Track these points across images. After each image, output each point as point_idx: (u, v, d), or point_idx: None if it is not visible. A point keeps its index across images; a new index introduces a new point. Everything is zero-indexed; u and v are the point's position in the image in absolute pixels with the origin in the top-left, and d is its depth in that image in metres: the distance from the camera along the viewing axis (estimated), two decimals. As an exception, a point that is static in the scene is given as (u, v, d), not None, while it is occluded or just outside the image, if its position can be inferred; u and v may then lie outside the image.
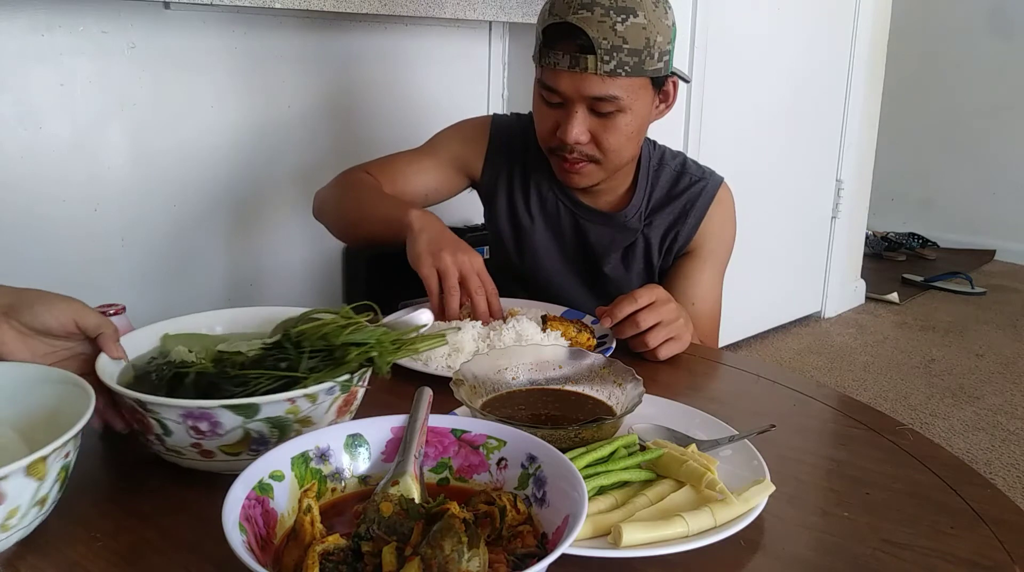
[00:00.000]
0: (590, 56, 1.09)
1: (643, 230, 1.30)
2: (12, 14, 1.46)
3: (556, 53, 1.11)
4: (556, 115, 1.17)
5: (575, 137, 1.14)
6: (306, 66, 1.89)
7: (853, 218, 3.29)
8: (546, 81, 1.15)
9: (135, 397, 0.67)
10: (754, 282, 2.84)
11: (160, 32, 1.63)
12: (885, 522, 0.70)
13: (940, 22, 4.36)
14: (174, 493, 0.72)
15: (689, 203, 1.29)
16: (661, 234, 1.30)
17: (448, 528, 0.52)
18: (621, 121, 1.15)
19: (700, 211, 1.30)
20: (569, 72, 1.11)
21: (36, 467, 0.59)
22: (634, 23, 1.09)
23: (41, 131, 1.53)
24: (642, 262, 1.32)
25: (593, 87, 1.11)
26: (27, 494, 0.59)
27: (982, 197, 4.37)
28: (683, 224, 1.30)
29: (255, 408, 0.67)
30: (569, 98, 1.13)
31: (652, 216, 1.30)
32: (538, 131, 1.23)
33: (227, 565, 0.53)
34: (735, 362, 1.09)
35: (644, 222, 1.30)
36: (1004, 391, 2.63)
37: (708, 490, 0.69)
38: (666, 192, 1.31)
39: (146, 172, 1.68)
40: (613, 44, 1.08)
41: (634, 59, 1.10)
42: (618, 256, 1.32)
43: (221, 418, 0.67)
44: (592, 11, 1.08)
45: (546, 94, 1.17)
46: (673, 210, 1.30)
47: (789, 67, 2.79)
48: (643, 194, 1.30)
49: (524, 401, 0.83)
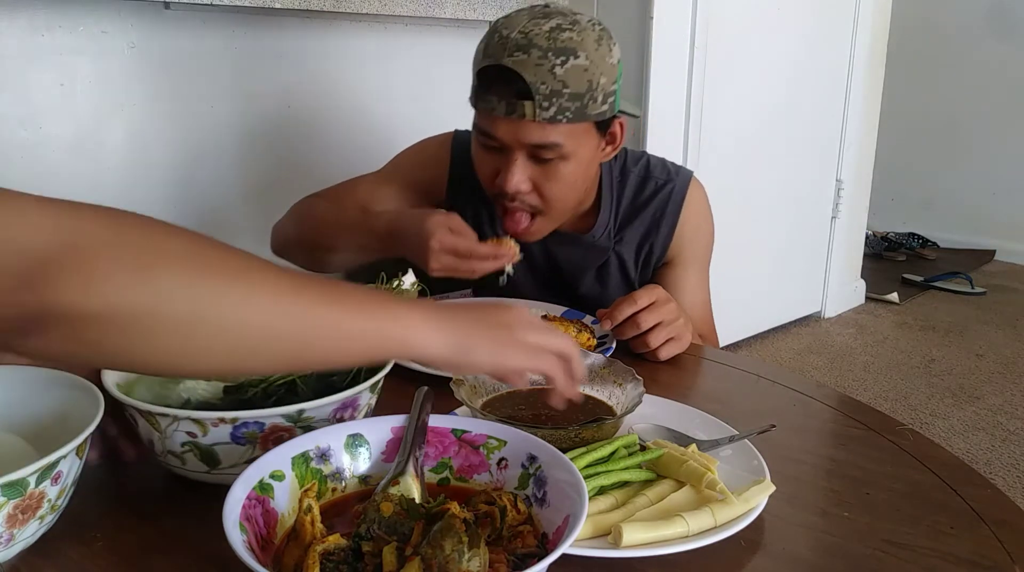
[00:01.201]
0: (528, 102, 1.01)
1: (614, 247, 1.25)
2: (12, 14, 1.46)
3: (492, 98, 1.04)
4: (495, 161, 1.10)
5: (515, 186, 1.07)
6: (306, 66, 1.89)
7: (853, 218, 3.29)
8: (483, 126, 1.08)
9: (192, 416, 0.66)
10: (754, 282, 2.84)
11: (160, 32, 1.63)
12: (885, 522, 0.70)
13: (940, 22, 4.35)
14: (174, 493, 0.73)
15: (659, 211, 1.24)
16: (635, 248, 1.26)
17: (448, 528, 0.52)
18: (564, 169, 1.07)
19: (672, 218, 1.24)
20: (506, 119, 1.03)
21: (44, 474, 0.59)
22: (575, 65, 1.01)
23: (41, 131, 1.52)
24: (618, 277, 1.27)
25: (532, 134, 1.04)
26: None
27: (982, 197, 4.37)
28: (656, 234, 1.25)
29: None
30: (507, 145, 1.06)
31: (622, 231, 1.25)
32: (480, 176, 1.15)
33: (228, 565, 0.53)
34: (735, 362, 1.09)
35: (615, 239, 1.25)
36: (1004, 391, 2.63)
37: (708, 490, 0.69)
38: (632, 201, 1.25)
39: (146, 172, 1.68)
40: (552, 89, 1.00)
41: (576, 104, 1.02)
42: (592, 275, 1.27)
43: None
44: (529, 53, 1.00)
45: (483, 139, 1.09)
46: (643, 221, 1.24)
47: (789, 67, 2.79)
48: (609, 210, 1.24)
49: (524, 401, 0.83)
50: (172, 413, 0.66)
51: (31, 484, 0.58)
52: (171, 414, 0.66)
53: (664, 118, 2.30)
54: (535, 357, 0.65)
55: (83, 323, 0.47)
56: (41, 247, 0.46)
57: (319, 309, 0.55)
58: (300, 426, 0.68)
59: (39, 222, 0.47)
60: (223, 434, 0.67)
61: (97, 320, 0.48)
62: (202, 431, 0.66)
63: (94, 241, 0.48)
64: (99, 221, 0.49)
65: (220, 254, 0.53)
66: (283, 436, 0.67)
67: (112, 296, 0.47)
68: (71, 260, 0.47)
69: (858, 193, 3.28)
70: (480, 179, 1.16)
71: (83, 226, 0.48)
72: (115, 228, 0.49)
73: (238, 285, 0.52)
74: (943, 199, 4.50)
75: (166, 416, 0.66)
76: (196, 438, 0.67)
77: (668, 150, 1.39)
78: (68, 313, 0.47)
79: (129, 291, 0.48)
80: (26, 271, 0.45)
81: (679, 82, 2.36)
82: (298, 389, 0.75)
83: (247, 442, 0.68)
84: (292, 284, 0.55)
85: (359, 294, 0.58)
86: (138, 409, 0.67)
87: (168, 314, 0.49)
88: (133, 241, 0.49)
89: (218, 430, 0.66)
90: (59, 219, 0.47)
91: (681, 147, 2.43)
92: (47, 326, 0.47)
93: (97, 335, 0.48)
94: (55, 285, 0.46)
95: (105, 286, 0.47)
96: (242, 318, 0.52)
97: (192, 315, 0.50)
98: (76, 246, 0.47)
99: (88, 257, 0.47)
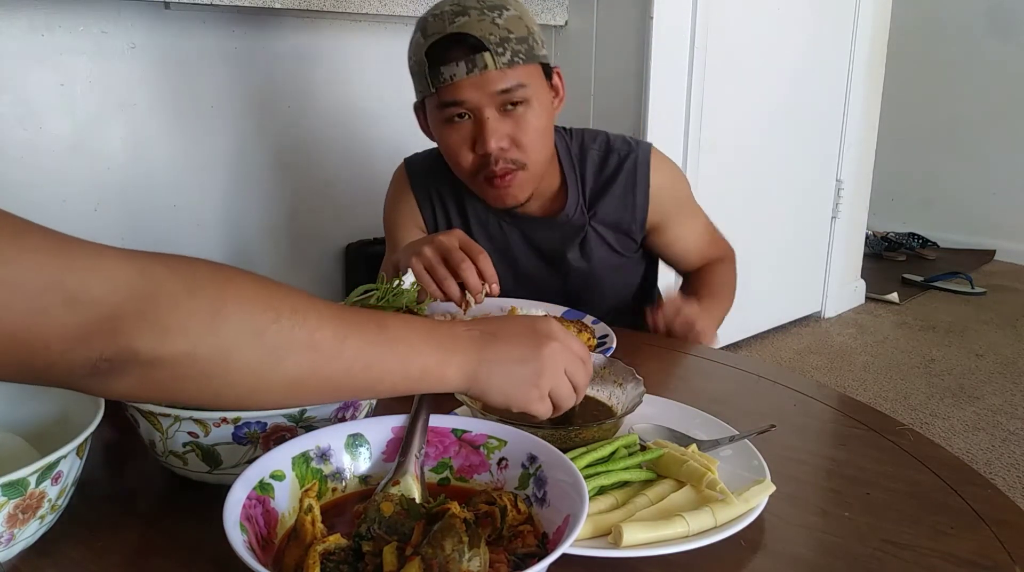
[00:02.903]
0: (484, 53, 1.08)
1: (590, 222, 1.28)
2: (12, 14, 1.46)
3: (449, 66, 1.09)
4: (468, 133, 1.14)
5: (496, 143, 1.12)
6: (306, 66, 1.89)
7: (853, 218, 3.29)
8: (447, 98, 1.12)
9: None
10: (754, 282, 2.83)
11: (160, 32, 1.63)
12: (885, 522, 0.70)
13: (940, 22, 4.35)
14: (175, 493, 0.73)
15: (628, 182, 1.27)
16: (611, 220, 1.29)
17: (449, 528, 0.52)
18: (530, 115, 1.13)
19: (643, 185, 1.27)
20: (469, 78, 1.09)
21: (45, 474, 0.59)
22: (510, 15, 1.11)
23: (41, 131, 1.53)
24: (602, 250, 1.30)
25: (496, 82, 1.10)
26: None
27: (982, 197, 4.37)
28: (631, 204, 1.28)
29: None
30: (476, 106, 1.11)
31: (595, 206, 1.28)
32: (455, 163, 1.19)
33: (228, 565, 0.53)
34: (735, 362, 1.09)
35: (589, 214, 1.28)
36: (1004, 391, 2.63)
37: (708, 490, 0.69)
38: (598, 176, 1.28)
39: (146, 172, 1.68)
40: (500, 36, 1.09)
41: (523, 47, 1.11)
42: (575, 253, 1.30)
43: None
44: (468, 15, 1.08)
45: (450, 112, 1.13)
46: (615, 194, 1.28)
47: (789, 67, 2.79)
48: (576, 187, 1.28)
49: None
50: (174, 413, 0.66)
51: (31, 484, 0.58)
52: (173, 414, 0.66)
53: (664, 118, 2.30)
54: (543, 406, 0.66)
55: (158, 369, 0.50)
56: (119, 295, 0.48)
57: (375, 349, 0.59)
58: (302, 426, 0.69)
59: (116, 270, 0.48)
60: (225, 434, 0.67)
61: (172, 365, 0.50)
62: (204, 431, 0.66)
63: (169, 289, 0.50)
64: (173, 269, 0.51)
65: (284, 295, 0.56)
66: (285, 436, 0.67)
67: (187, 344, 0.50)
68: (148, 309, 0.49)
69: (858, 193, 3.28)
70: (457, 164, 1.18)
71: (158, 274, 0.50)
72: (189, 276, 0.51)
73: (302, 320, 0.55)
74: (943, 199, 4.50)
75: (168, 416, 0.66)
76: (198, 438, 0.67)
77: (668, 150, 1.38)
78: (143, 360, 0.49)
79: (203, 339, 0.51)
80: (107, 318, 0.47)
81: (679, 82, 2.35)
82: None
83: (249, 442, 0.68)
84: (347, 322, 0.58)
85: (406, 333, 0.61)
86: (140, 410, 0.67)
87: (239, 360, 0.52)
88: (206, 288, 0.52)
89: (220, 430, 0.66)
90: (138, 268, 0.49)
91: (681, 147, 2.43)
92: (122, 371, 0.49)
93: (172, 380, 0.51)
94: (132, 333, 0.48)
95: (180, 334, 0.50)
96: (304, 363, 0.55)
97: (260, 362, 0.53)
98: (152, 295, 0.49)
99: (164, 305, 0.49)
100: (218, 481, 0.69)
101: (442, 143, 1.19)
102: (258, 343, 0.53)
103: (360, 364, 0.57)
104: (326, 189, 2.01)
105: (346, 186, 2.03)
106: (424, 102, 1.20)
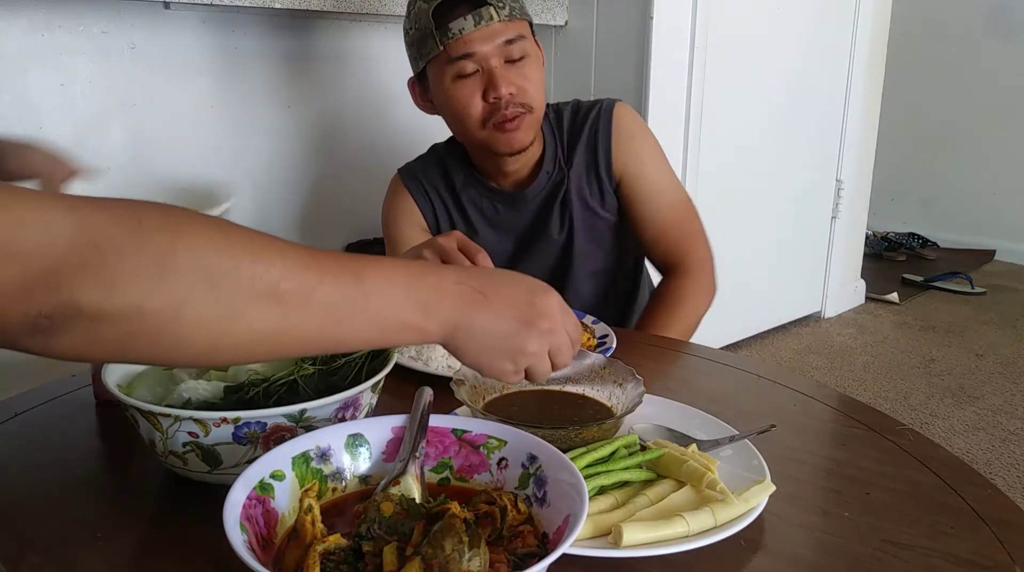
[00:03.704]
0: (488, 7, 1.17)
1: (569, 174, 1.35)
2: (12, 14, 1.46)
3: (457, 21, 1.17)
4: (478, 86, 1.21)
5: (507, 87, 1.20)
6: (306, 66, 1.89)
7: (853, 218, 3.29)
8: (457, 53, 1.19)
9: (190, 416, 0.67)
10: (754, 282, 2.84)
11: (160, 32, 1.63)
12: (885, 522, 0.70)
13: (940, 22, 4.35)
14: (175, 493, 0.73)
15: (593, 129, 1.35)
16: (584, 171, 1.35)
17: (449, 528, 0.52)
18: (531, 68, 1.23)
19: (606, 130, 1.35)
20: (476, 30, 1.18)
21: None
22: None
23: (41, 131, 1.53)
24: (581, 210, 1.35)
25: (501, 32, 1.19)
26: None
27: (982, 197, 4.37)
28: (597, 152, 1.35)
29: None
30: (484, 56, 1.19)
31: (571, 157, 1.35)
32: (465, 116, 1.24)
33: (228, 565, 0.53)
34: (735, 362, 1.09)
35: (567, 164, 1.35)
36: (1004, 391, 2.63)
37: (708, 490, 0.69)
38: (571, 129, 1.36)
39: (146, 172, 1.68)
40: None
41: (517, 3, 1.22)
42: (556, 218, 1.35)
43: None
44: None
45: (460, 67, 1.20)
46: (584, 143, 1.35)
47: (789, 67, 2.79)
48: (553, 140, 1.36)
49: (524, 401, 0.83)
50: (175, 413, 0.66)
51: None
52: (173, 414, 0.66)
53: (664, 118, 2.30)
54: (514, 378, 0.64)
55: (105, 324, 0.46)
56: (61, 246, 0.44)
57: (349, 303, 0.54)
58: (302, 426, 0.69)
59: (58, 220, 0.45)
60: (225, 434, 0.67)
61: (120, 320, 0.46)
62: (204, 431, 0.66)
63: (115, 239, 0.46)
64: (119, 217, 0.47)
65: (245, 240, 0.51)
66: (285, 436, 0.67)
67: (134, 297, 0.46)
68: (91, 260, 0.45)
69: (858, 193, 3.28)
70: (468, 117, 1.24)
71: (103, 223, 0.46)
72: (134, 222, 0.47)
73: (263, 270, 0.50)
74: (943, 199, 4.50)
75: (168, 416, 0.66)
76: (198, 438, 0.67)
77: (668, 150, 1.39)
78: (88, 315, 0.45)
79: (152, 291, 0.47)
80: (45, 271, 0.44)
81: (679, 82, 2.35)
82: (299, 389, 0.75)
83: (249, 442, 0.68)
84: (318, 270, 0.53)
85: (384, 284, 0.56)
86: (140, 409, 0.67)
87: (193, 314, 0.48)
88: (154, 235, 0.47)
89: (220, 430, 0.66)
90: (78, 216, 0.45)
91: (681, 147, 2.43)
92: (65, 328, 0.46)
93: (120, 336, 0.47)
94: (73, 286, 0.45)
95: (126, 286, 0.46)
96: (268, 317, 0.51)
97: (217, 316, 0.49)
98: (95, 245, 0.45)
99: (109, 255, 0.45)
100: (218, 481, 0.69)
101: (451, 99, 1.24)
102: (213, 296, 0.48)
103: (331, 318, 0.53)
104: (326, 189, 2.01)
105: (346, 186, 2.03)
106: (424, 72, 1.26)
